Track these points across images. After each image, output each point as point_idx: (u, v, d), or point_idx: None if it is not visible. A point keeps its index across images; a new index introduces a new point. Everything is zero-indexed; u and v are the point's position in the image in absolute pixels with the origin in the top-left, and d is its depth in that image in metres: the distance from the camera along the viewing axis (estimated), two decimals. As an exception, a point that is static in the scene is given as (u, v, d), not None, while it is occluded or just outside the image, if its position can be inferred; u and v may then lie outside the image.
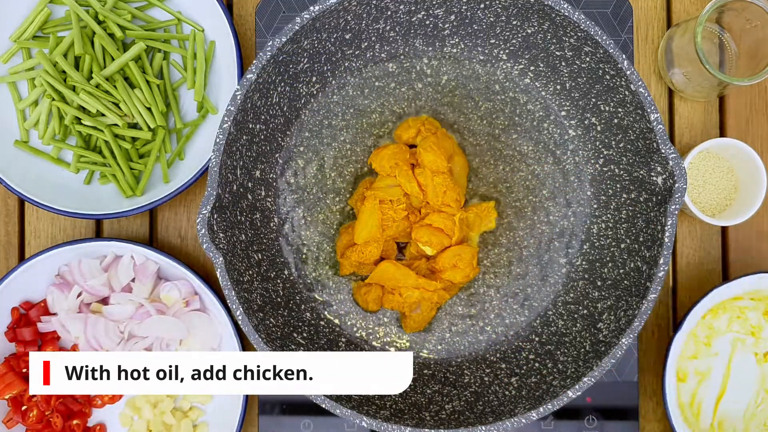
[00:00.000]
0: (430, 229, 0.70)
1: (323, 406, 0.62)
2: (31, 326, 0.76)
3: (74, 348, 0.76)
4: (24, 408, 0.75)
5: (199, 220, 0.61)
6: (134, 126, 0.76)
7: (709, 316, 0.74)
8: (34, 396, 0.74)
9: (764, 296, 0.73)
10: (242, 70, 0.74)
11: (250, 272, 0.67)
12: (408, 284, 0.70)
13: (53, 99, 0.74)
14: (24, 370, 0.75)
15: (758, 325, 0.74)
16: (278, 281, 0.71)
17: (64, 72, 0.75)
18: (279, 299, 0.70)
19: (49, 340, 0.76)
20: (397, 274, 0.70)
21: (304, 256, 0.73)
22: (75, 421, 0.75)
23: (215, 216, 0.62)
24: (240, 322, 0.62)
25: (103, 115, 0.75)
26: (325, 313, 0.73)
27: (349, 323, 0.73)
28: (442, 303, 0.73)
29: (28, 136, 0.77)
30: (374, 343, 0.73)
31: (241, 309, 0.62)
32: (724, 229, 0.80)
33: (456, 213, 0.70)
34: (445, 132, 0.73)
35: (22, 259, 0.81)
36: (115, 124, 0.75)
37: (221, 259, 0.61)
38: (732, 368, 0.74)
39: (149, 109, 0.75)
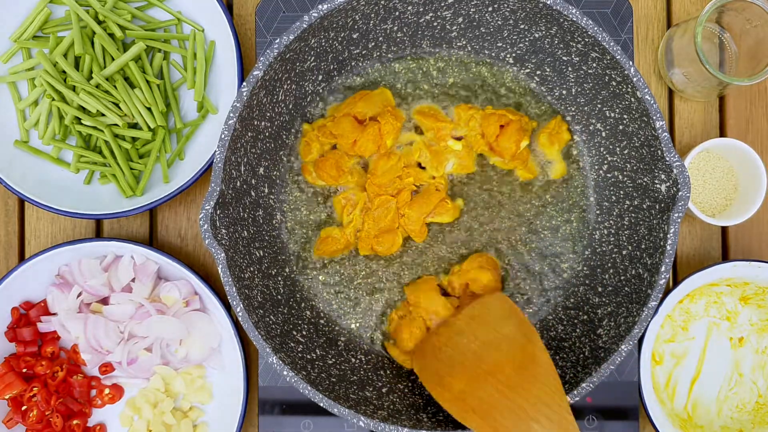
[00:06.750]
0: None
1: (321, 404, 0.62)
2: (31, 326, 0.75)
3: (74, 348, 0.75)
4: (24, 408, 0.75)
5: (201, 216, 0.61)
6: (134, 126, 0.76)
7: (686, 301, 0.75)
8: (34, 396, 0.74)
9: (740, 283, 0.74)
10: (242, 70, 0.74)
11: (252, 269, 0.67)
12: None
13: (53, 99, 0.74)
14: (24, 370, 0.75)
15: (734, 311, 0.76)
16: (279, 279, 0.71)
17: (64, 72, 0.75)
18: (279, 297, 0.70)
19: (49, 340, 0.76)
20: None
21: (305, 255, 0.73)
22: (75, 421, 0.75)
23: (218, 212, 0.62)
24: (240, 319, 0.62)
25: (103, 115, 0.75)
26: (325, 311, 0.73)
27: (348, 322, 0.73)
28: (430, 324, 0.71)
29: (28, 136, 0.77)
30: (374, 343, 0.73)
31: (241, 305, 0.62)
32: (724, 229, 0.80)
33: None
34: (338, 121, 0.72)
35: (22, 259, 0.81)
36: (115, 124, 0.75)
37: (223, 255, 0.61)
38: (707, 352, 0.76)
39: (149, 109, 0.75)
